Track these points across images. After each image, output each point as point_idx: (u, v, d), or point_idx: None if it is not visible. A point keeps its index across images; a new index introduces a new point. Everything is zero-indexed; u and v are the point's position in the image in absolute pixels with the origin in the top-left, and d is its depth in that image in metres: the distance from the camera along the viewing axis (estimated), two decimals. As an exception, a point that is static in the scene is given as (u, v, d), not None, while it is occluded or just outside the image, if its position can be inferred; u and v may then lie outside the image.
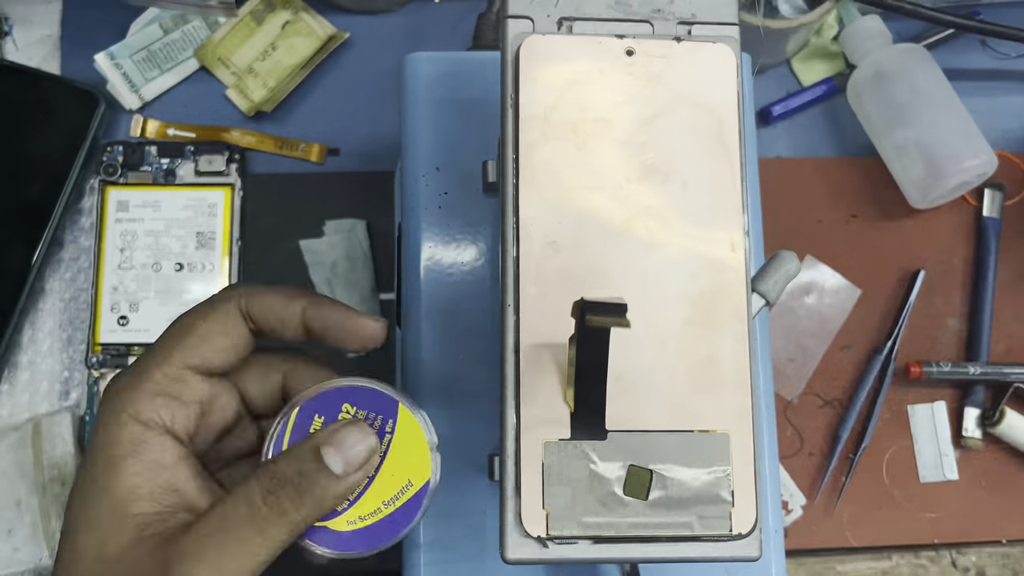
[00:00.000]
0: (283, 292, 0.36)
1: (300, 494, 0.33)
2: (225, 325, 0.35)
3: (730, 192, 0.37)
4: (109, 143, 0.64)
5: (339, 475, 0.33)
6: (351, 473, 0.33)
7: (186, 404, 0.35)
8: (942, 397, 0.66)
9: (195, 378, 0.35)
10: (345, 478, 0.33)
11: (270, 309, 0.36)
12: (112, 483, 0.33)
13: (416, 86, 0.50)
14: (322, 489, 0.33)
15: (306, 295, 0.37)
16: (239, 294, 0.36)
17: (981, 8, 0.71)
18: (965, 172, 0.64)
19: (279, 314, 0.36)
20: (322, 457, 0.33)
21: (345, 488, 0.33)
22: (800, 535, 0.64)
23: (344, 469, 0.33)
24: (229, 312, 0.36)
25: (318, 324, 0.36)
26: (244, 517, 0.32)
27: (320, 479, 0.33)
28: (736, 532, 0.34)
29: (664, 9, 0.38)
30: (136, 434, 0.33)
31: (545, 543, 0.34)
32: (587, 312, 0.30)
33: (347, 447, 0.33)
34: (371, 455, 0.34)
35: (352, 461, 0.33)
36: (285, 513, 0.32)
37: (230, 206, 0.64)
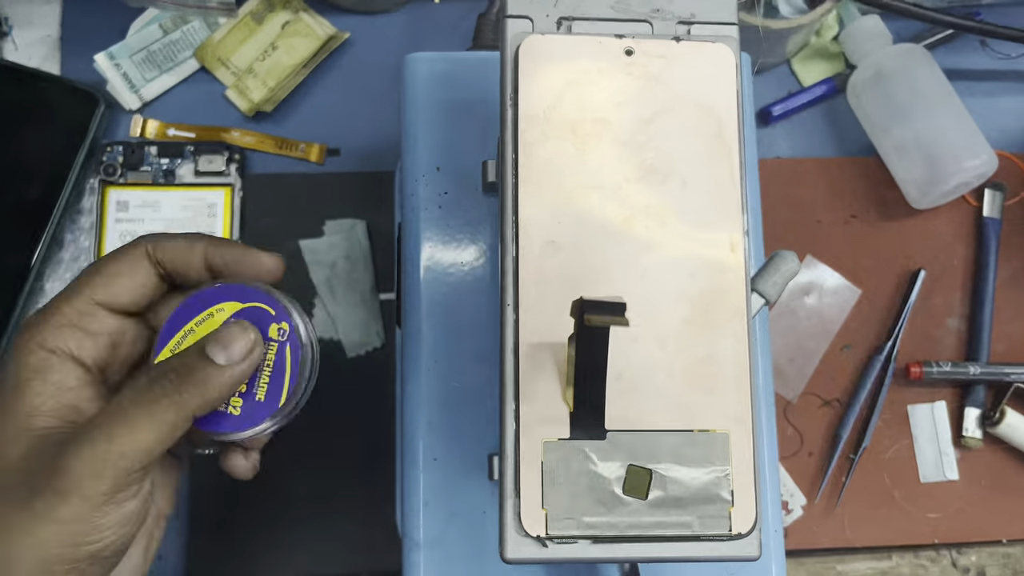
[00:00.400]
0: (186, 236, 0.39)
1: (182, 377, 0.35)
2: (132, 267, 0.38)
3: (729, 192, 0.37)
4: (109, 143, 0.64)
5: (222, 364, 0.35)
6: (235, 364, 0.36)
7: (93, 335, 0.37)
8: (942, 397, 0.66)
9: (103, 313, 0.38)
10: (229, 368, 0.36)
11: (175, 252, 0.39)
12: (15, 403, 0.35)
13: (416, 86, 0.50)
14: (204, 375, 0.35)
15: (206, 237, 0.39)
16: (146, 240, 0.39)
17: (981, 8, 0.71)
18: (965, 172, 0.64)
19: (183, 255, 0.39)
20: (205, 350, 0.36)
21: (229, 377, 0.36)
22: (800, 535, 0.64)
23: (227, 359, 0.36)
24: (137, 255, 0.38)
25: (218, 261, 0.39)
26: (130, 399, 0.34)
27: (201, 367, 0.35)
28: (736, 532, 0.34)
29: (663, 9, 0.38)
30: (41, 360, 0.36)
31: (544, 543, 0.34)
32: (586, 311, 0.30)
33: (228, 341, 0.36)
34: (252, 347, 0.36)
35: (234, 353, 0.36)
36: (168, 394, 0.35)
37: (230, 206, 0.64)
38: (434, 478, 0.46)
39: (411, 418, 0.47)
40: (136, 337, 0.39)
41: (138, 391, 0.35)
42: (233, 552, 0.61)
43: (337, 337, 0.64)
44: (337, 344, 0.64)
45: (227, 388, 0.36)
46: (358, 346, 0.64)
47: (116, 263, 0.38)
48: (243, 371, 0.36)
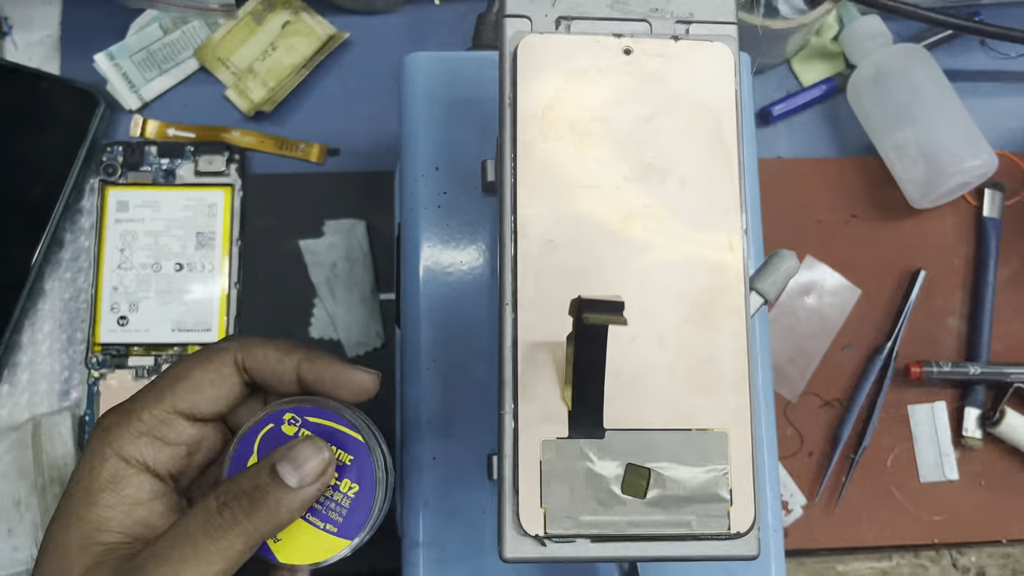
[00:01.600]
0: (279, 346, 0.38)
1: (253, 504, 0.34)
2: (219, 375, 0.37)
3: (728, 191, 0.37)
4: (109, 143, 0.65)
5: (293, 487, 0.34)
6: (306, 486, 0.35)
7: (170, 445, 0.36)
8: (942, 397, 0.66)
9: (182, 422, 0.37)
10: (300, 490, 0.34)
11: (266, 363, 0.37)
12: (85, 513, 0.34)
13: (416, 86, 0.50)
14: (275, 500, 0.34)
15: (301, 349, 0.38)
16: (236, 346, 0.38)
17: (981, 9, 0.71)
18: (965, 172, 0.64)
19: (274, 368, 0.38)
20: (276, 471, 0.34)
21: (300, 500, 0.35)
22: (800, 535, 0.64)
23: (299, 481, 0.34)
24: (224, 363, 0.37)
25: (313, 378, 0.38)
26: (199, 526, 0.33)
27: (272, 490, 0.34)
28: (734, 531, 0.34)
29: (662, 8, 0.38)
30: (117, 470, 0.35)
31: (543, 542, 0.34)
32: (584, 310, 0.30)
33: (301, 461, 0.35)
34: (326, 468, 0.35)
35: (306, 474, 0.35)
36: (238, 522, 0.33)
37: (230, 206, 0.64)
38: (434, 478, 0.46)
39: (411, 418, 0.47)
40: (213, 443, 0.38)
41: (208, 517, 0.33)
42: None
43: (337, 337, 0.64)
44: (337, 344, 0.64)
45: (297, 512, 0.35)
46: (358, 346, 0.64)
47: (202, 370, 0.37)
48: (315, 493, 0.35)
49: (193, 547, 0.33)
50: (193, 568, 0.32)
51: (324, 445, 0.35)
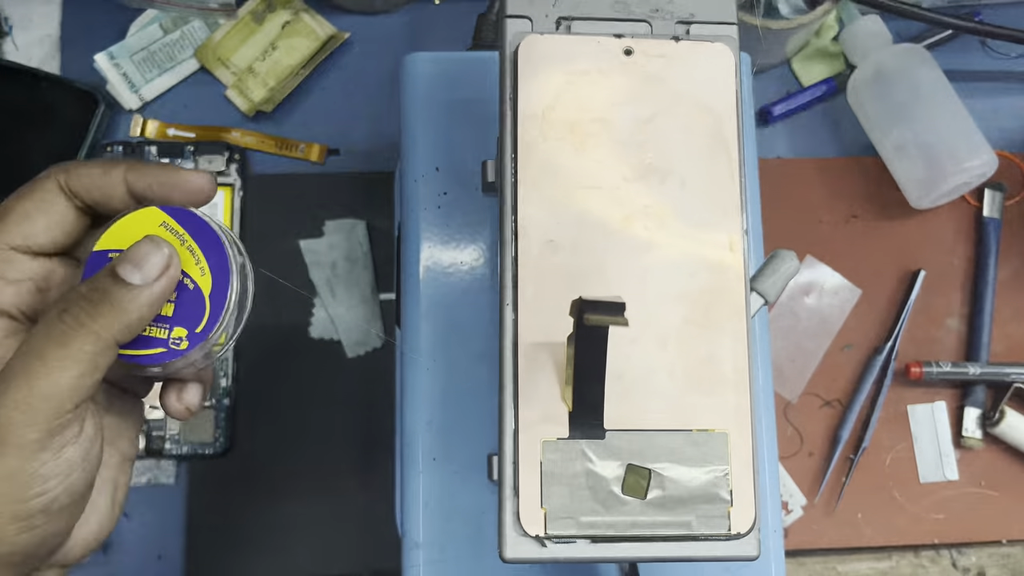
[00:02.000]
0: (102, 163, 0.36)
1: (95, 305, 0.32)
2: (44, 202, 0.35)
3: (729, 191, 0.37)
4: (109, 143, 0.64)
5: (137, 284, 0.33)
6: (150, 282, 0.33)
7: (13, 282, 0.35)
8: (942, 397, 0.66)
9: (21, 257, 0.35)
10: (145, 287, 0.33)
11: (91, 182, 0.36)
12: None
13: (416, 86, 0.50)
14: (118, 298, 0.33)
15: (125, 161, 0.36)
16: (57, 170, 0.36)
17: (981, 9, 0.71)
18: (965, 172, 0.64)
19: (100, 185, 0.36)
20: (117, 272, 0.33)
21: (147, 297, 0.33)
22: (800, 535, 0.64)
23: (142, 279, 0.33)
24: (47, 190, 0.36)
25: (142, 185, 0.36)
26: (42, 337, 0.32)
27: (114, 290, 0.33)
28: (734, 531, 0.34)
29: (662, 9, 0.38)
30: None
31: (543, 542, 0.34)
32: (585, 311, 0.30)
33: (140, 258, 0.33)
34: (168, 263, 0.34)
35: (148, 271, 0.33)
36: (82, 324, 0.32)
37: (230, 206, 0.64)
38: (434, 478, 0.46)
39: (411, 418, 0.47)
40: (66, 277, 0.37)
41: (49, 326, 0.32)
42: (233, 552, 0.61)
43: (337, 337, 0.64)
44: (337, 344, 0.64)
45: (146, 309, 0.33)
46: (358, 346, 0.64)
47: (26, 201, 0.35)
48: (161, 290, 0.33)
49: (40, 358, 0.31)
50: (45, 377, 0.31)
51: (162, 241, 0.34)
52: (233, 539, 0.61)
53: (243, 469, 0.62)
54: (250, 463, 0.62)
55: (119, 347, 0.33)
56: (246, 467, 0.62)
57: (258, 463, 0.62)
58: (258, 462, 0.62)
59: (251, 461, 0.62)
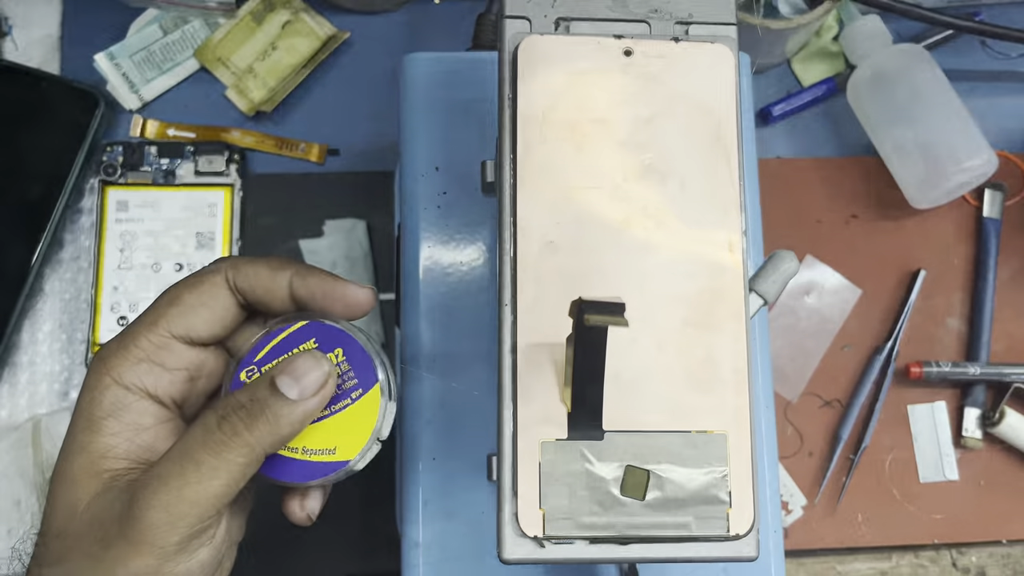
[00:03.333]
0: (270, 263, 0.37)
1: (252, 416, 0.33)
2: (211, 297, 0.36)
3: (728, 192, 0.37)
4: (109, 143, 0.65)
5: (293, 399, 0.34)
6: (306, 398, 0.34)
7: (170, 371, 0.36)
8: (942, 397, 0.66)
9: (180, 346, 0.36)
10: (300, 402, 0.34)
11: (257, 281, 0.37)
12: (89, 442, 0.34)
13: (416, 86, 0.50)
14: (275, 412, 0.34)
15: (292, 264, 0.37)
16: (227, 266, 0.37)
17: (981, 9, 0.71)
18: (965, 172, 0.64)
19: (266, 285, 0.37)
20: (276, 384, 0.34)
21: (301, 412, 0.34)
22: (800, 535, 0.64)
23: (299, 394, 0.34)
24: (216, 284, 0.36)
25: (305, 293, 0.37)
26: (199, 442, 0.33)
27: (272, 403, 0.34)
28: (733, 532, 0.34)
29: (662, 9, 0.38)
30: (118, 397, 0.35)
31: (542, 543, 0.34)
32: (585, 311, 0.30)
33: (300, 373, 0.34)
34: (326, 381, 0.35)
35: (306, 387, 0.34)
36: (238, 434, 0.33)
37: (230, 206, 0.64)
38: (433, 478, 0.46)
39: (411, 418, 0.47)
40: (215, 368, 0.38)
41: (207, 432, 0.33)
42: (233, 552, 0.61)
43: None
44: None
45: (299, 424, 0.34)
46: (358, 346, 0.64)
47: (194, 293, 0.36)
48: (316, 406, 0.34)
49: (194, 463, 0.32)
50: (196, 484, 0.32)
51: (323, 357, 0.35)
52: (233, 539, 0.61)
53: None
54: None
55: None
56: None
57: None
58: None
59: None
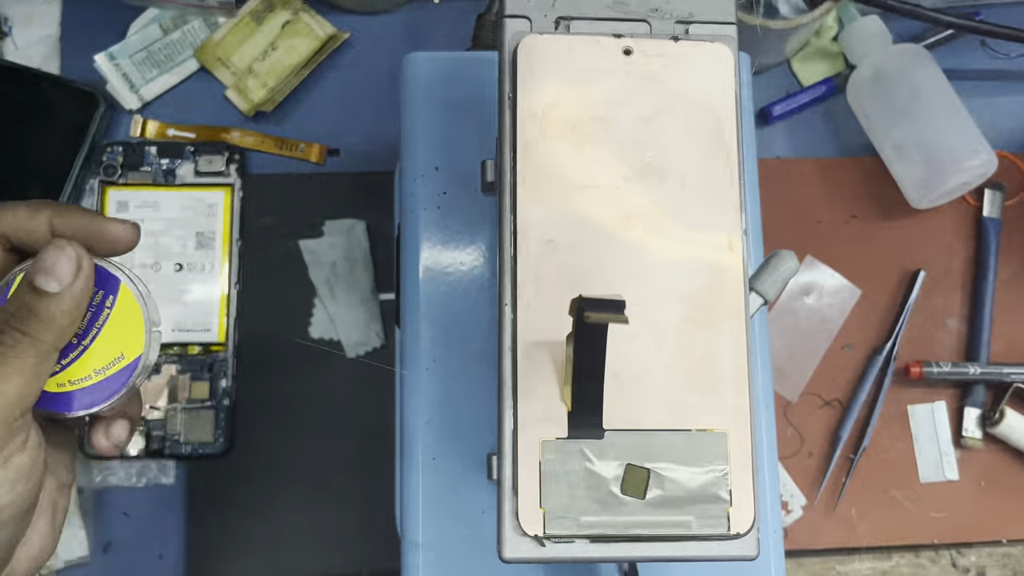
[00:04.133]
0: (28, 205, 0.37)
1: (24, 320, 0.34)
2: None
3: (728, 191, 0.37)
4: (109, 143, 0.64)
5: (57, 291, 0.34)
6: (69, 286, 0.34)
7: None
8: (942, 397, 0.66)
9: None
10: (65, 292, 0.34)
11: (16, 223, 0.37)
12: None
13: (415, 86, 0.50)
14: (46, 309, 0.34)
15: (52, 205, 0.37)
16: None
17: (981, 8, 0.71)
18: (965, 172, 0.64)
19: (25, 226, 0.37)
20: (35, 284, 0.34)
21: (70, 300, 0.34)
22: (800, 535, 0.64)
23: (59, 284, 0.34)
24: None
25: (66, 231, 0.37)
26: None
27: (39, 302, 0.34)
28: (734, 531, 0.34)
29: (661, 8, 0.38)
30: None
31: (542, 542, 0.34)
32: (585, 309, 0.30)
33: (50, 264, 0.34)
34: (79, 263, 0.35)
35: (62, 275, 0.34)
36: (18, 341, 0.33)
37: (230, 206, 0.64)
38: (433, 478, 0.46)
39: (411, 418, 0.47)
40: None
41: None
42: (233, 552, 0.61)
43: (337, 337, 0.64)
44: (337, 344, 0.64)
45: (75, 311, 0.35)
46: (358, 346, 0.64)
47: None
48: (81, 289, 0.35)
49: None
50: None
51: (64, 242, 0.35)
52: (233, 539, 0.61)
53: (243, 469, 0.62)
54: (250, 463, 0.62)
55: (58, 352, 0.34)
56: (246, 467, 0.62)
57: (258, 463, 0.62)
58: (258, 462, 0.62)
59: (251, 461, 0.62)
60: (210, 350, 0.62)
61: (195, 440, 0.61)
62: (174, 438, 0.61)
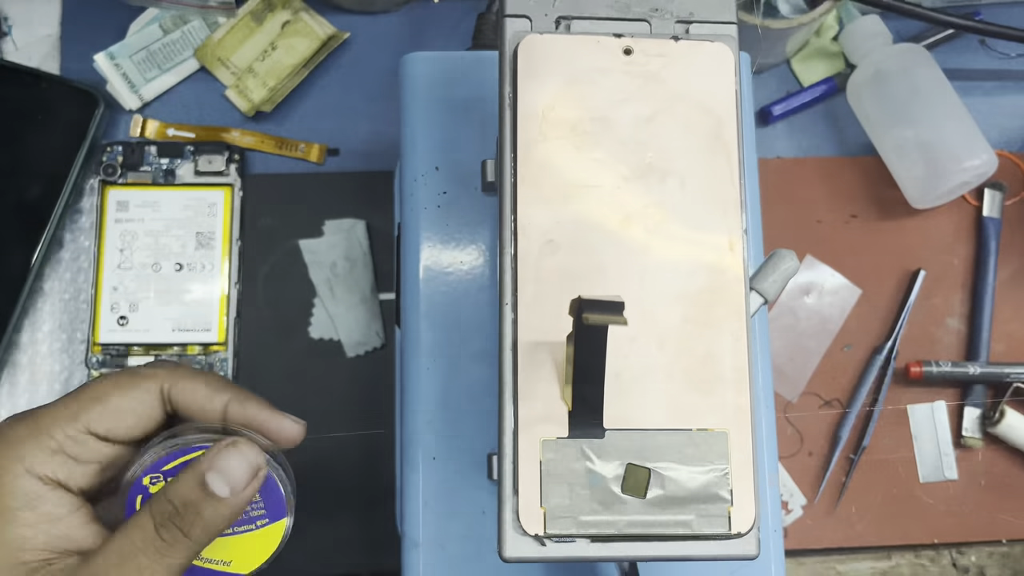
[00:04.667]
0: (208, 382, 0.37)
1: (189, 523, 0.33)
2: (140, 403, 0.36)
3: (728, 191, 0.37)
4: (109, 143, 0.64)
5: (225, 497, 0.34)
6: (238, 493, 0.34)
7: (84, 464, 0.36)
8: (942, 397, 0.66)
9: (96, 442, 0.36)
10: (232, 498, 0.34)
11: (193, 399, 0.36)
12: (5, 533, 0.34)
13: (416, 86, 0.50)
14: (210, 514, 0.34)
15: (230, 389, 0.37)
16: (165, 375, 0.36)
17: (981, 8, 0.71)
18: (965, 172, 0.64)
19: (202, 405, 0.37)
20: (206, 483, 0.33)
21: (233, 507, 0.34)
22: (800, 535, 0.64)
23: (231, 491, 0.34)
24: (150, 391, 0.36)
25: (240, 419, 0.37)
26: (140, 549, 0.33)
27: (205, 505, 0.33)
28: (734, 531, 0.34)
29: (662, 8, 0.38)
30: (32, 488, 0.34)
31: (543, 541, 0.34)
32: (584, 310, 0.30)
33: (228, 470, 0.34)
34: (255, 472, 0.34)
35: (236, 482, 0.34)
36: (178, 541, 0.33)
37: (230, 206, 0.64)
38: (434, 478, 0.46)
39: (411, 418, 0.47)
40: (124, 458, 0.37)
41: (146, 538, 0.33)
42: (233, 552, 0.61)
43: (337, 337, 0.64)
44: (337, 344, 0.64)
45: (232, 519, 0.34)
46: (358, 346, 0.64)
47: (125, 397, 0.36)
48: (247, 499, 0.34)
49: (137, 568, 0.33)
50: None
51: (248, 448, 0.34)
52: (233, 539, 0.61)
53: (243, 469, 0.62)
54: (250, 463, 0.62)
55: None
56: (246, 467, 0.62)
57: (258, 463, 0.62)
58: (258, 462, 0.62)
59: (251, 461, 0.62)
60: (210, 350, 0.62)
61: (195, 440, 0.61)
62: (174, 438, 0.61)
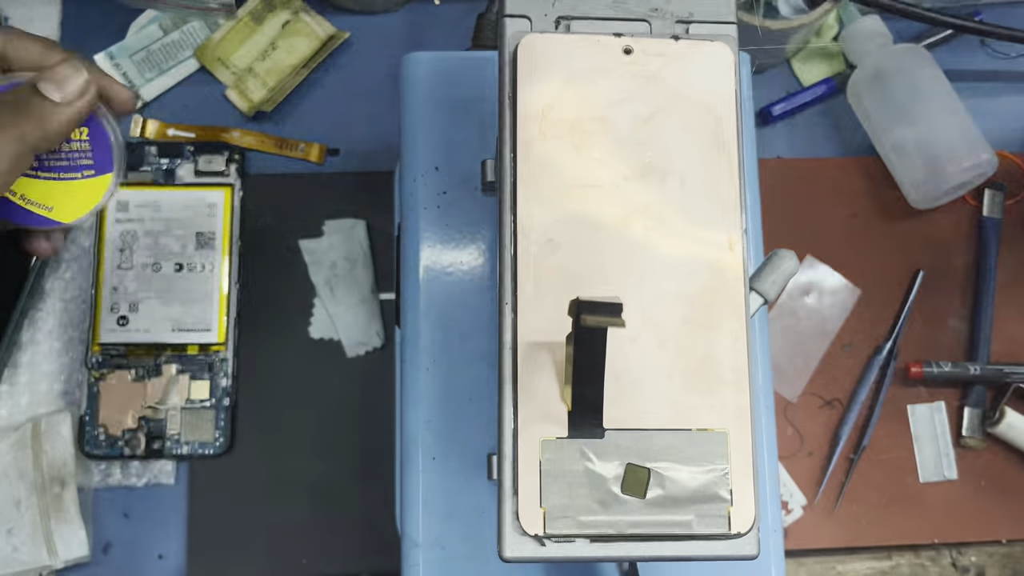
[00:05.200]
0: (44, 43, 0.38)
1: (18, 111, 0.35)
2: None
3: (728, 190, 0.37)
4: (109, 143, 0.64)
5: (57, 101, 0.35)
6: (69, 101, 0.35)
7: None
8: (942, 397, 0.66)
9: None
10: (65, 105, 0.35)
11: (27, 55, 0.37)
12: None
13: (415, 86, 0.50)
14: (39, 110, 0.35)
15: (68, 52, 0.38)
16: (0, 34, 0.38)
17: (981, 8, 0.71)
18: (965, 172, 0.64)
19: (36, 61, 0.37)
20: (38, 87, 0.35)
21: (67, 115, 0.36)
22: (800, 535, 0.64)
23: (62, 97, 0.35)
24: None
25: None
26: None
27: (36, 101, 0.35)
28: (734, 531, 0.34)
29: (662, 8, 0.38)
30: None
31: (543, 541, 0.34)
32: (582, 312, 0.30)
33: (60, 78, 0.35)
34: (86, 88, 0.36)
35: (68, 91, 0.35)
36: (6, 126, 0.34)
37: (230, 206, 0.64)
38: (433, 478, 0.46)
39: (411, 418, 0.47)
40: None
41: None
42: (233, 552, 0.61)
43: (337, 337, 0.64)
44: (337, 344, 0.64)
45: (64, 127, 0.36)
46: (358, 346, 0.64)
47: None
48: (79, 111, 0.36)
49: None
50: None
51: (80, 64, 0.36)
52: (233, 539, 0.61)
53: (243, 469, 0.62)
54: (250, 463, 0.62)
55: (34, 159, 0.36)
56: (246, 467, 0.62)
57: (258, 463, 0.62)
58: (258, 462, 0.62)
59: (251, 461, 0.62)
60: (210, 350, 0.62)
61: (195, 440, 0.61)
62: (174, 438, 0.61)
